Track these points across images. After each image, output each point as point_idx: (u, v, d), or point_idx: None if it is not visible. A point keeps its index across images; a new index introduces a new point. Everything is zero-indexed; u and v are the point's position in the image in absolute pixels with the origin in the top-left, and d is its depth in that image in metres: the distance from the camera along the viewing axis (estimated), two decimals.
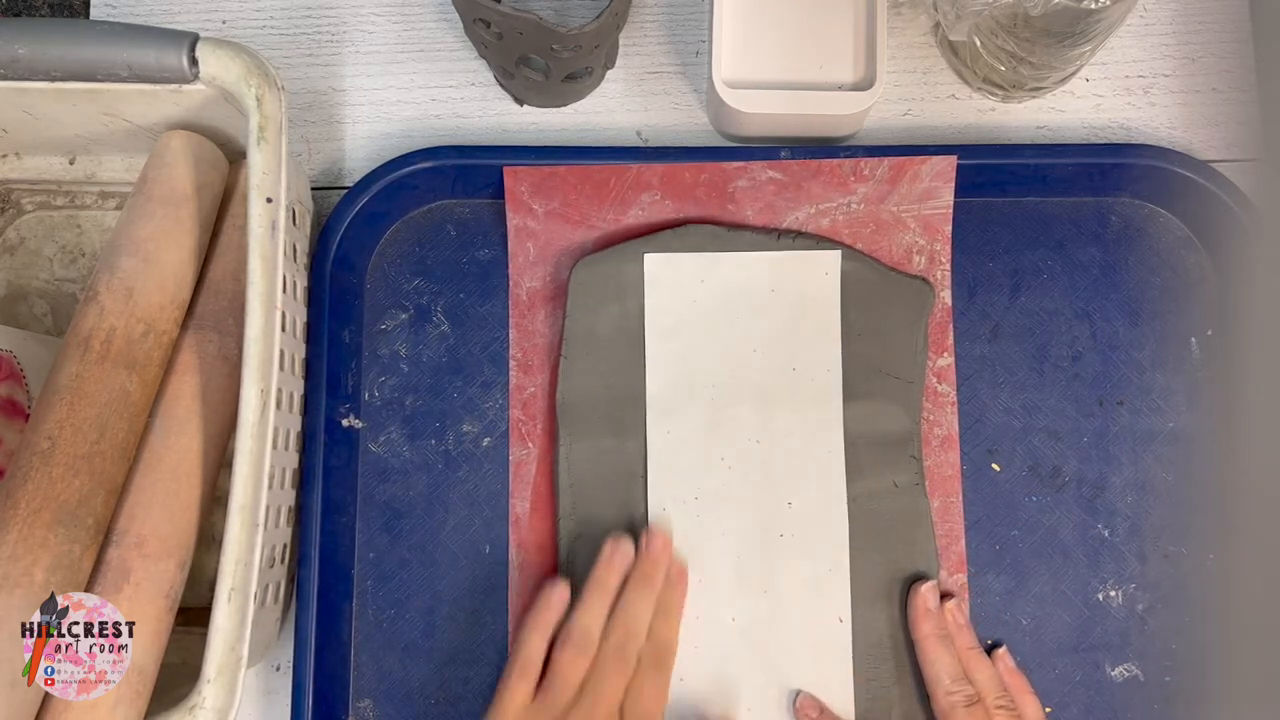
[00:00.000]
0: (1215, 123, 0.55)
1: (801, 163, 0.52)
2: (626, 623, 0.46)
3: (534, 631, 0.46)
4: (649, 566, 0.48)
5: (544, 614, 0.47)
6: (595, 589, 0.47)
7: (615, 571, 0.48)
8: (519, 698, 0.45)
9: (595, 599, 0.47)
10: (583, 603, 0.47)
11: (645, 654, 0.46)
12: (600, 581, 0.47)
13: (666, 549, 0.49)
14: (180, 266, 0.46)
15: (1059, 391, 0.52)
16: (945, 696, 0.47)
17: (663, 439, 0.51)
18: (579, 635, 0.46)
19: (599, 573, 0.48)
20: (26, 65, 0.43)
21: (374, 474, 0.52)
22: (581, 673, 0.45)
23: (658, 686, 0.46)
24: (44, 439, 0.41)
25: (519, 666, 0.46)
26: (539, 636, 0.46)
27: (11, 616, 0.38)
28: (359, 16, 0.57)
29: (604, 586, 0.47)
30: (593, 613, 0.46)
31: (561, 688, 0.45)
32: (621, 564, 0.48)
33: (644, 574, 0.48)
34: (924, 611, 0.48)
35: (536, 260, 0.53)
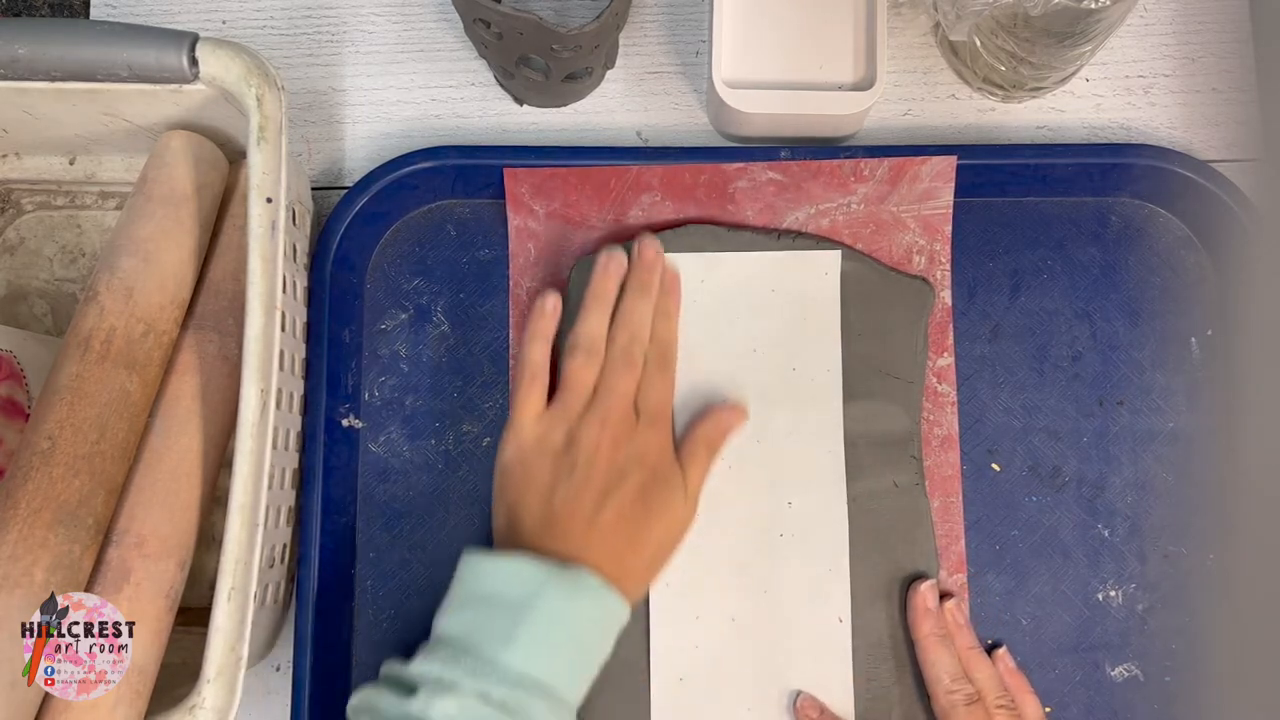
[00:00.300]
0: (1215, 123, 0.55)
1: (801, 163, 0.52)
2: (630, 326, 0.48)
3: (534, 340, 0.48)
4: (645, 273, 0.49)
5: (540, 323, 0.48)
6: (595, 298, 0.48)
7: (612, 279, 0.49)
8: (534, 406, 0.47)
9: (596, 308, 0.48)
10: (585, 312, 0.48)
11: (650, 354, 0.48)
12: (599, 291, 0.49)
13: (659, 255, 0.50)
14: (180, 266, 0.46)
15: (1059, 391, 0.52)
16: (945, 696, 0.47)
17: None
18: (586, 341, 0.47)
19: (596, 283, 0.49)
20: (26, 65, 0.43)
21: (374, 474, 0.52)
22: (593, 377, 0.47)
23: (665, 383, 0.48)
24: (44, 439, 0.41)
25: (527, 376, 0.47)
26: (540, 345, 0.48)
27: (11, 616, 0.38)
28: (359, 16, 0.57)
29: (604, 295, 0.48)
30: (596, 320, 0.48)
31: (575, 392, 0.47)
32: (617, 272, 0.49)
33: (641, 281, 0.49)
34: (924, 611, 0.48)
35: (537, 260, 0.53)
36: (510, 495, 0.46)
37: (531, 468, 0.46)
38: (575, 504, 0.45)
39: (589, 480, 0.45)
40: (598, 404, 0.46)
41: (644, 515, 0.45)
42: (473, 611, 0.42)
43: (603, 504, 0.45)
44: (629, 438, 0.46)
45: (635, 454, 0.46)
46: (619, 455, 0.46)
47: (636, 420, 0.47)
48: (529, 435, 0.47)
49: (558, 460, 0.46)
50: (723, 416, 0.49)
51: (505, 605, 0.41)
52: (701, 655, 0.49)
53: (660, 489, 0.46)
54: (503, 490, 0.47)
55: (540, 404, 0.47)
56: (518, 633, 0.41)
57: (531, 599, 0.41)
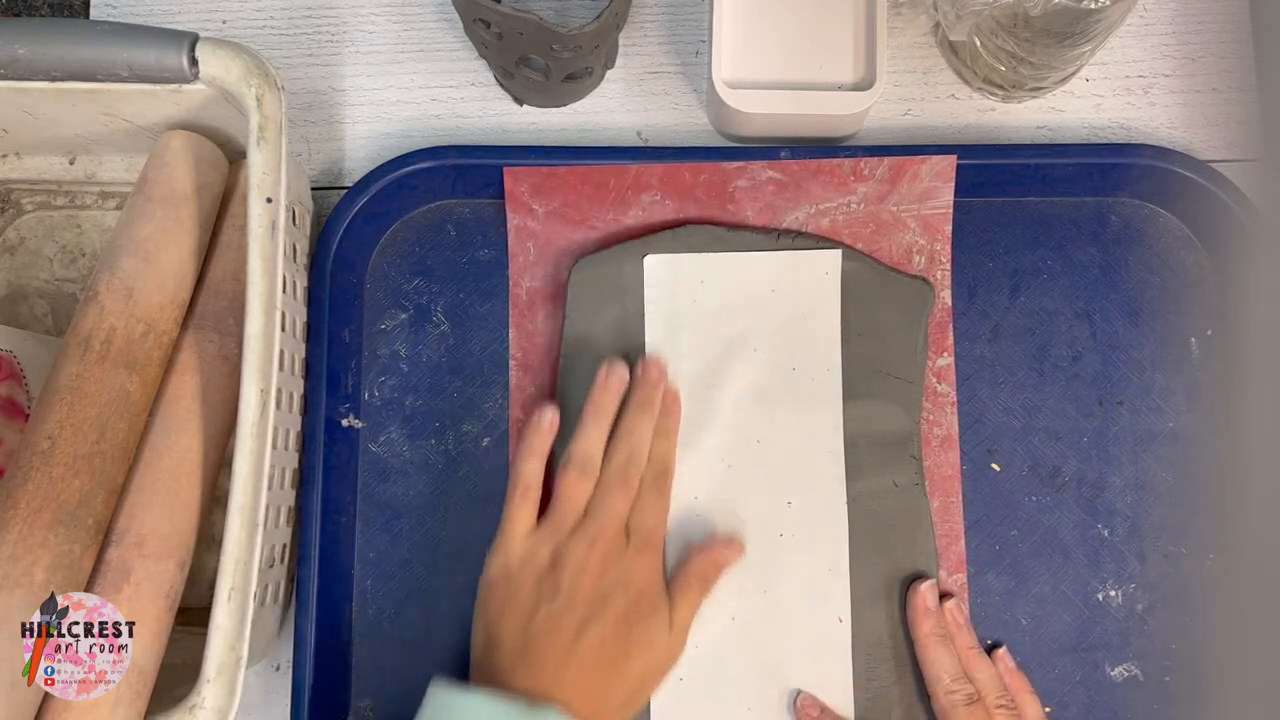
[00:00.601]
0: (1215, 123, 0.55)
1: (801, 163, 0.52)
2: (630, 445, 0.47)
3: (530, 456, 0.47)
4: (648, 391, 0.49)
5: (536, 438, 0.48)
6: (594, 413, 0.48)
7: (613, 395, 0.48)
8: (524, 522, 0.46)
9: (595, 423, 0.47)
10: (583, 427, 0.47)
11: (646, 475, 0.47)
12: (599, 406, 0.48)
13: (663, 375, 0.49)
14: (180, 266, 0.46)
15: (1059, 391, 0.53)
16: (945, 695, 0.47)
17: None
18: (581, 458, 0.46)
19: (597, 397, 0.48)
20: (26, 65, 0.43)
21: (374, 474, 0.52)
22: (586, 495, 0.46)
23: (661, 505, 0.47)
24: (44, 439, 0.41)
25: (520, 491, 0.46)
26: (535, 461, 0.47)
27: (11, 616, 0.38)
28: (359, 16, 0.57)
29: (603, 411, 0.48)
30: (593, 437, 0.47)
31: (567, 510, 0.46)
32: (618, 388, 0.48)
33: (643, 399, 0.48)
34: (924, 611, 0.48)
35: (536, 260, 0.53)
36: (491, 613, 0.45)
37: (515, 585, 0.45)
38: (554, 629, 0.43)
39: (571, 604, 0.44)
40: (588, 523, 0.45)
41: (624, 647, 0.44)
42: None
43: (583, 631, 0.43)
44: (617, 560, 0.45)
45: (622, 578, 0.45)
46: (605, 579, 0.44)
47: (627, 543, 0.46)
48: (516, 552, 0.45)
49: (542, 580, 0.44)
50: (718, 551, 0.48)
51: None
52: (701, 655, 0.49)
53: (644, 620, 0.45)
54: (485, 606, 0.46)
55: (530, 520, 0.46)
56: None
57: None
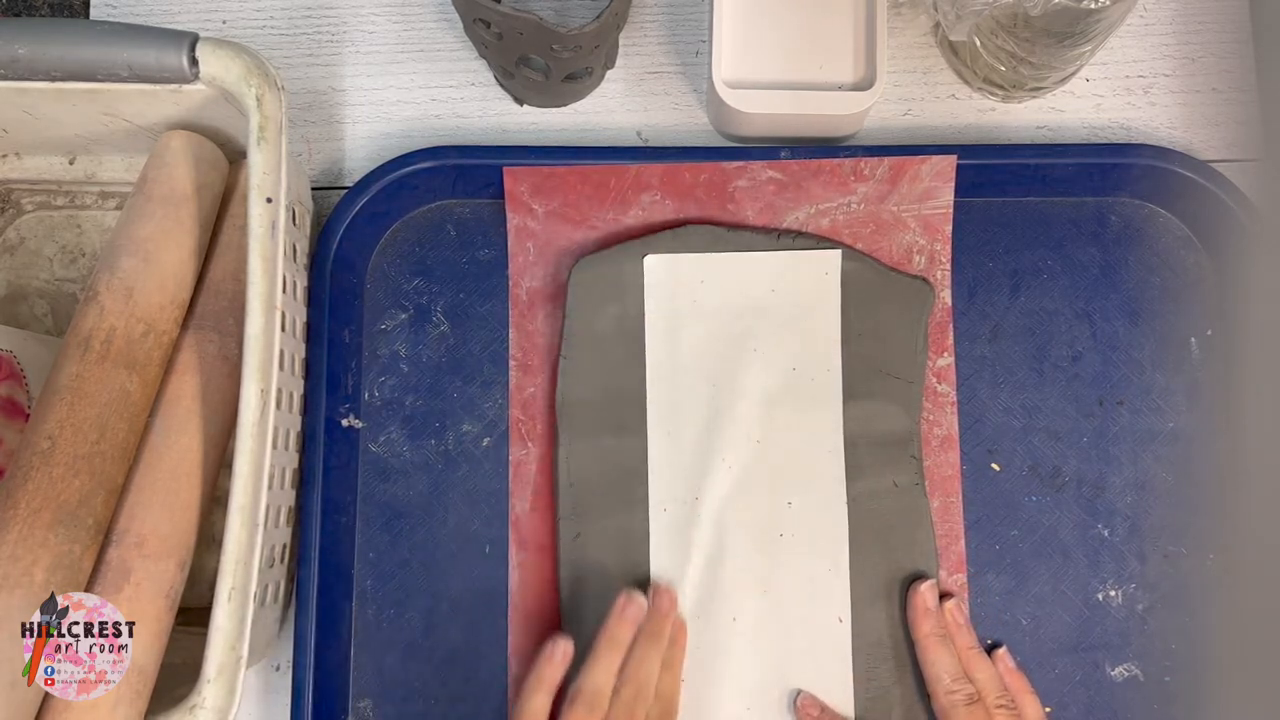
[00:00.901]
0: (1215, 123, 0.55)
1: (801, 163, 0.52)
2: (637, 680, 0.46)
3: (537, 691, 0.45)
4: (659, 622, 0.48)
5: (547, 670, 0.46)
6: (608, 645, 0.46)
7: (629, 626, 0.47)
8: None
9: (607, 655, 0.46)
10: (595, 659, 0.46)
11: (652, 712, 0.46)
12: (614, 637, 0.46)
13: (673, 605, 0.49)
14: (180, 266, 0.46)
15: (1059, 391, 0.52)
16: (945, 695, 0.47)
17: (663, 439, 0.51)
18: (590, 694, 0.44)
19: (612, 628, 0.47)
20: (26, 65, 0.43)
21: (374, 474, 0.52)
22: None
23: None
24: (44, 439, 0.41)
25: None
26: (543, 695, 0.45)
27: (11, 616, 0.38)
28: (359, 16, 0.57)
29: (617, 642, 0.46)
30: (605, 670, 0.45)
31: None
32: (635, 618, 0.47)
33: (653, 631, 0.47)
34: (924, 611, 0.48)
35: (536, 260, 0.53)
36: None
37: None
38: None
39: None
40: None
41: None
42: None
43: None
44: None
45: None
46: None
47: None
48: None
49: None
50: None
51: None
52: (702, 655, 0.49)
53: None
54: None
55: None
56: None
57: None
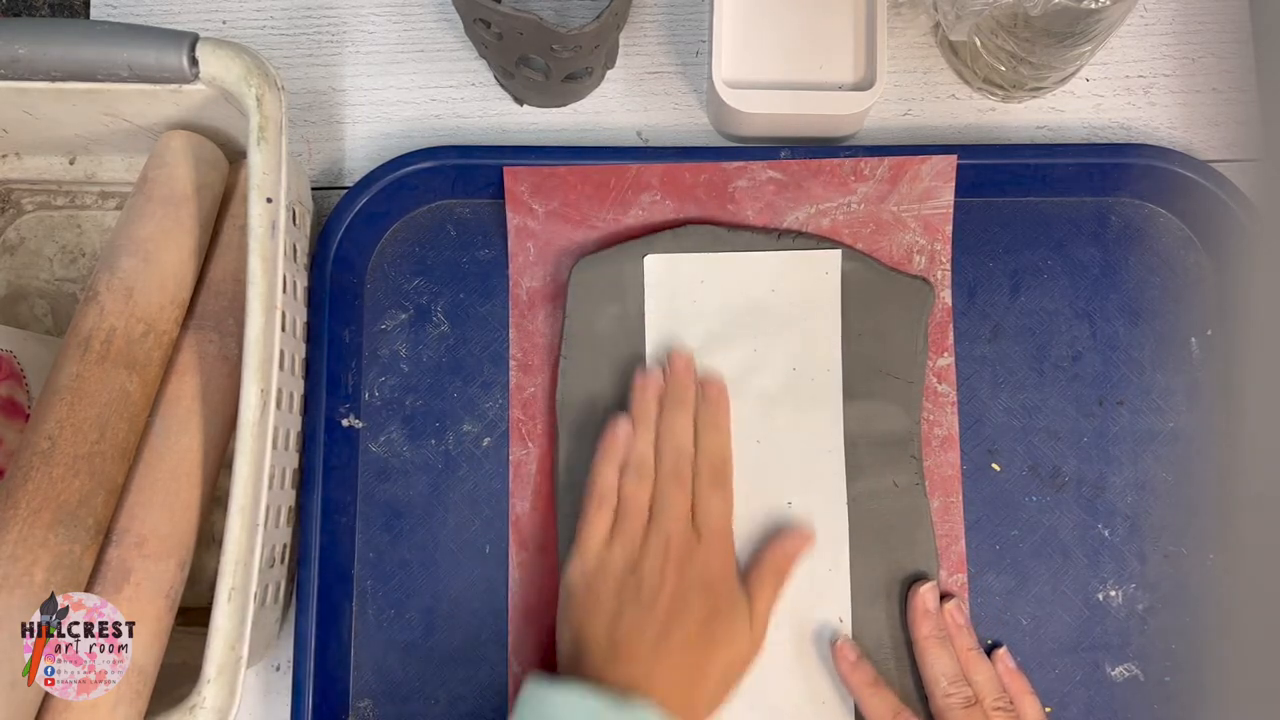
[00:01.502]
0: (1215, 123, 0.55)
1: (801, 163, 0.52)
2: (672, 441, 0.48)
3: (603, 464, 0.48)
4: (676, 387, 0.49)
5: (609, 447, 0.48)
6: (640, 419, 0.49)
7: (651, 398, 0.49)
8: (599, 531, 0.47)
9: (643, 427, 0.49)
10: (634, 434, 0.49)
11: (701, 469, 0.48)
12: (642, 411, 0.49)
13: (689, 368, 0.50)
14: (180, 266, 0.46)
15: (1059, 391, 0.52)
16: (943, 698, 0.47)
17: None
18: (636, 463, 0.48)
19: (637, 404, 0.49)
20: (26, 65, 0.43)
21: (374, 474, 0.52)
22: (647, 497, 0.47)
23: (721, 498, 0.48)
24: (44, 439, 0.41)
25: (595, 501, 0.48)
26: (609, 469, 0.48)
27: (11, 616, 0.38)
28: (359, 16, 0.57)
29: (647, 415, 0.49)
30: (643, 440, 0.48)
31: (632, 516, 0.47)
32: (655, 390, 0.49)
33: (674, 395, 0.49)
34: (923, 612, 0.48)
35: (536, 260, 0.53)
36: (575, 619, 0.46)
37: (596, 593, 0.46)
38: (640, 631, 0.44)
39: (653, 606, 0.45)
40: (656, 526, 0.46)
41: (709, 644, 0.45)
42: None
43: (667, 631, 0.44)
44: (690, 559, 0.46)
45: (698, 579, 0.46)
46: (683, 579, 0.45)
47: (698, 540, 0.46)
48: (592, 561, 0.46)
49: (621, 584, 0.45)
50: (789, 543, 0.48)
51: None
52: None
53: (726, 617, 0.45)
54: (568, 613, 0.46)
55: (606, 528, 0.47)
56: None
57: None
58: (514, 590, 0.51)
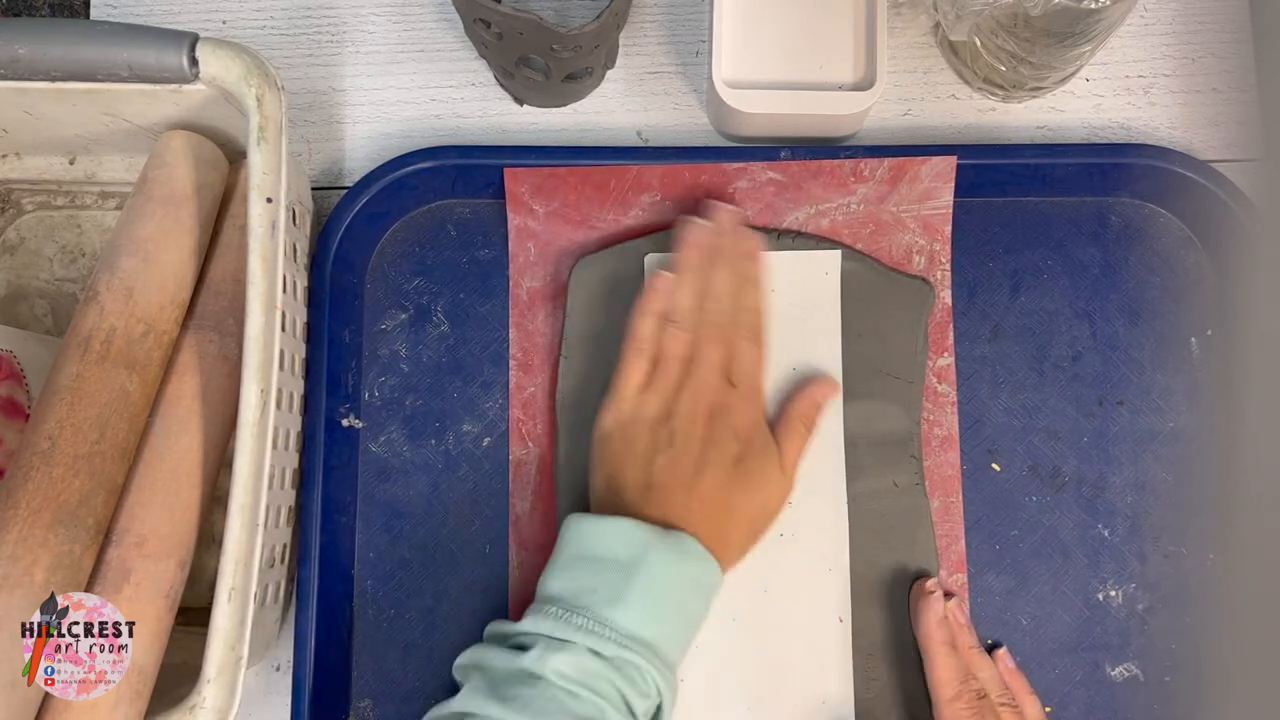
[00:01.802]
0: (1215, 123, 0.55)
1: (801, 163, 0.52)
2: (715, 296, 0.48)
3: (644, 315, 0.48)
4: (726, 238, 0.49)
5: (651, 298, 0.49)
6: (683, 269, 0.49)
7: (696, 248, 0.49)
8: (635, 378, 0.48)
9: (686, 279, 0.48)
10: (676, 284, 0.48)
11: (740, 322, 0.48)
12: (686, 261, 0.49)
13: (733, 219, 0.50)
14: (180, 266, 0.46)
15: (1059, 391, 0.52)
16: (953, 699, 0.47)
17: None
18: (677, 314, 0.48)
19: (682, 255, 0.49)
20: (26, 65, 0.43)
21: (374, 474, 0.52)
22: (685, 348, 0.48)
23: (756, 352, 0.48)
24: (44, 439, 0.41)
25: (633, 348, 0.48)
26: (649, 319, 0.48)
27: (11, 616, 0.38)
28: (359, 16, 0.57)
29: (690, 266, 0.49)
30: (685, 292, 0.48)
31: (670, 364, 0.47)
32: (699, 240, 0.49)
33: (720, 250, 0.49)
34: (937, 619, 0.48)
35: (537, 260, 0.53)
36: (610, 463, 0.47)
37: (631, 437, 0.47)
38: (674, 472, 0.45)
39: (687, 449, 0.46)
40: (692, 376, 0.47)
41: (742, 485, 0.46)
42: (581, 572, 0.43)
43: (701, 472, 0.45)
44: (724, 408, 0.47)
45: (731, 425, 0.47)
46: (715, 425, 0.46)
47: (729, 388, 0.47)
48: (628, 406, 0.47)
49: (655, 430, 0.46)
50: (816, 390, 0.50)
51: (613, 567, 0.42)
52: (702, 655, 0.49)
53: (757, 461, 0.47)
54: (601, 458, 0.47)
55: (642, 377, 0.48)
56: (627, 594, 0.42)
57: (638, 561, 0.42)
58: (514, 590, 0.51)
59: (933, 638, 0.48)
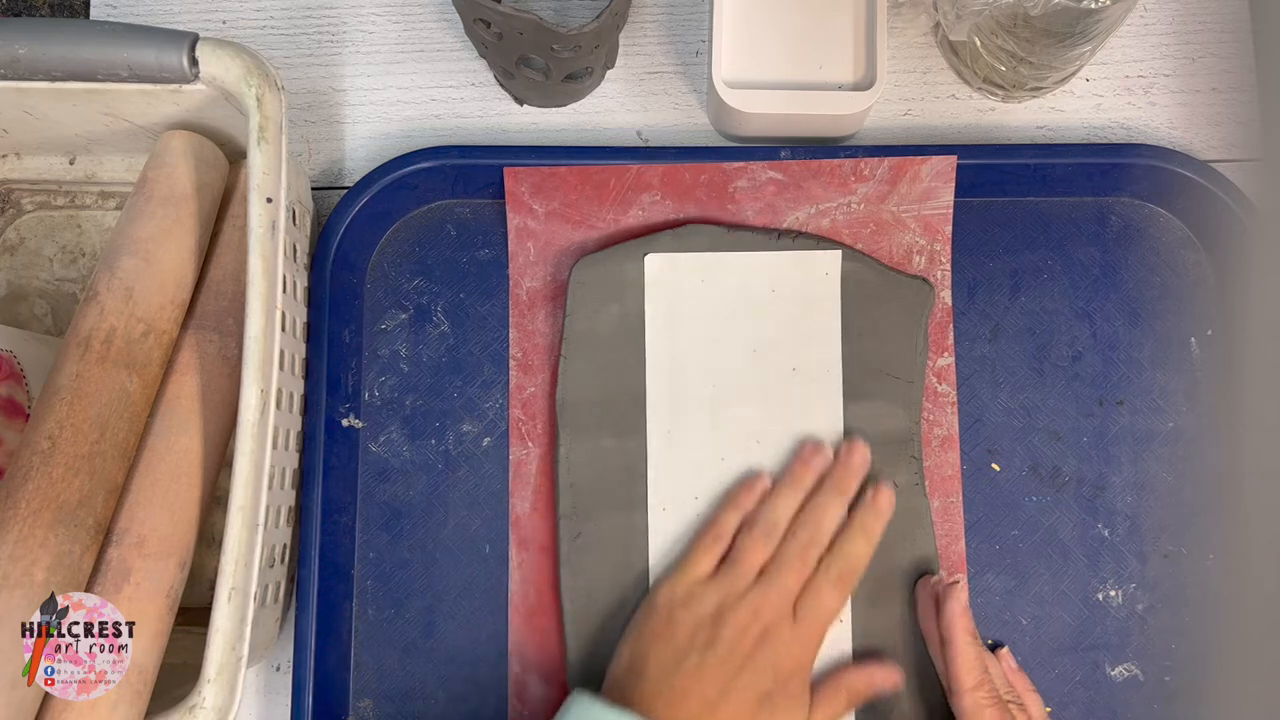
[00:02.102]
0: (1215, 123, 0.55)
1: (801, 163, 0.52)
2: (814, 523, 0.47)
3: (730, 509, 0.48)
4: (844, 474, 0.48)
5: (743, 495, 0.48)
6: (790, 483, 0.48)
7: (811, 471, 0.48)
8: (702, 568, 0.47)
9: (789, 493, 0.48)
10: (775, 494, 0.48)
11: (833, 564, 0.47)
12: (796, 478, 0.48)
13: (865, 463, 0.49)
14: (180, 266, 0.46)
15: (1059, 391, 0.53)
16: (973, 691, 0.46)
17: (663, 439, 0.51)
18: (766, 523, 0.47)
19: (795, 469, 0.49)
20: (26, 65, 0.43)
21: (374, 474, 0.52)
22: (762, 559, 0.46)
23: (836, 596, 0.46)
24: (44, 439, 0.41)
25: (710, 538, 0.47)
26: (734, 514, 0.48)
27: (11, 616, 0.38)
28: (359, 16, 0.57)
29: (799, 483, 0.48)
30: (784, 505, 0.47)
31: (741, 570, 0.46)
32: (819, 465, 0.49)
33: (837, 480, 0.48)
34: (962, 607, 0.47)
35: (537, 260, 0.53)
36: (643, 639, 0.46)
37: (674, 624, 0.45)
38: (700, 679, 0.43)
39: (723, 662, 0.44)
40: (758, 590, 0.45)
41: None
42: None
43: (726, 694, 0.43)
44: (777, 638, 0.45)
45: (775, 657, 0.44)
46: (760, 651, 0.44)
47: (792, 622, 0.45)
48: (684, 591, 0.46)
49: (700, 627, 0.45)
50: (877, 674, 0.47)
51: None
52: None
53: (784, 706, 0.44)
54: (639, 630, 0.46)
55: (710, 566, 0.47)
56: None
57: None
58: (514, 590, 0.51)
59: (957, 625, 0.47)
